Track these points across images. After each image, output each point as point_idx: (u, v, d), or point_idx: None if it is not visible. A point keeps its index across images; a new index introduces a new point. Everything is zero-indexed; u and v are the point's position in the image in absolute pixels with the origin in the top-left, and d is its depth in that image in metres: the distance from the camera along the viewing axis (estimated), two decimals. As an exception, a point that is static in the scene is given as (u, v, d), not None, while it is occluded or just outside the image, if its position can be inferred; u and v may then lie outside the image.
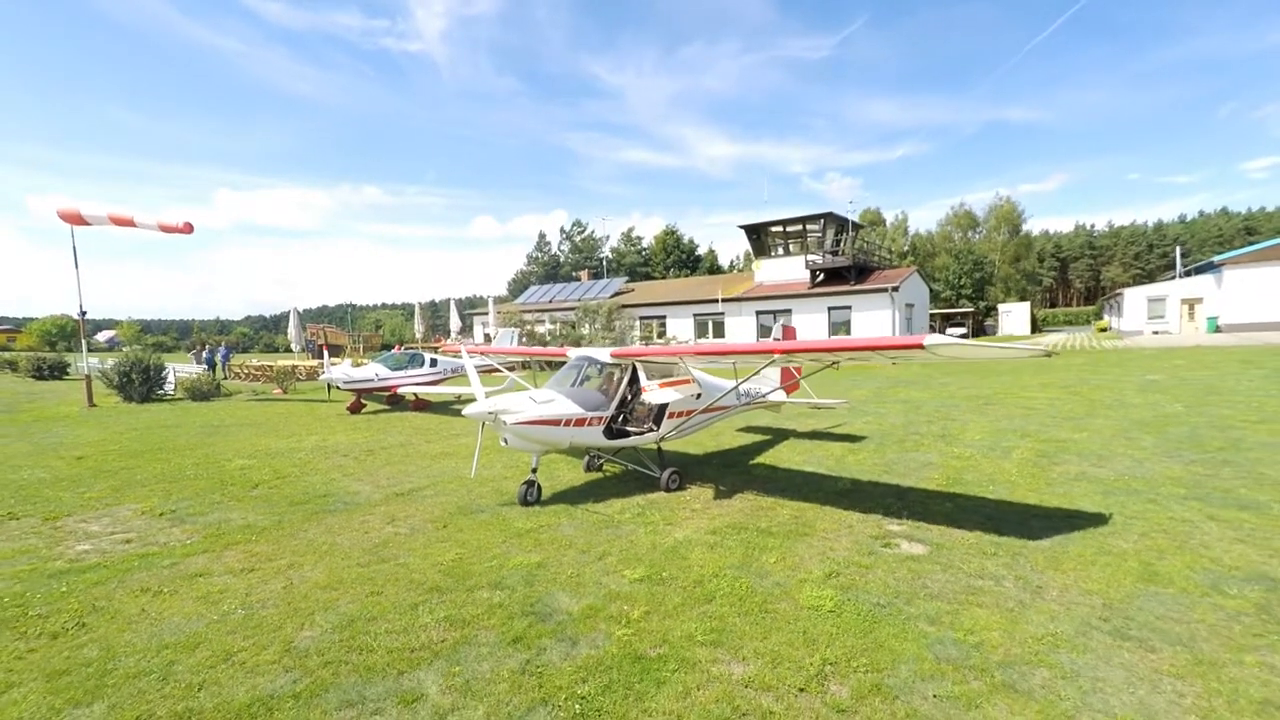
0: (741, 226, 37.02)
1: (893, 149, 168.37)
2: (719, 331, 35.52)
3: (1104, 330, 55.06)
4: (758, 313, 31.83)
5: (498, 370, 13.18)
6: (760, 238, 35.85)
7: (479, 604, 4.91)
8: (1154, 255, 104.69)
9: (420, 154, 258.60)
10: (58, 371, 29.99)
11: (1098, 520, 6.46)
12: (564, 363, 9.18)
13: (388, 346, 40.17)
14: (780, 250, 35.14)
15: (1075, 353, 31.00)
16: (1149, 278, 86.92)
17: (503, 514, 7.32)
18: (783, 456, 10.23)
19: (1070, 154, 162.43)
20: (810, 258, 32.18)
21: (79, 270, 19.05)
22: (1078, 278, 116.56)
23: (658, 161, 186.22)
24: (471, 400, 7.68)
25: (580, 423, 7.80)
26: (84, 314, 19.26)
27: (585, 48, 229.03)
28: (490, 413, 7.21)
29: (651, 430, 8.46)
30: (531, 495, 7.68)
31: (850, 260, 31.46)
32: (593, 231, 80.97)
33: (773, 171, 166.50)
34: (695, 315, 34.07)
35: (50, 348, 60.49)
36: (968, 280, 69.21)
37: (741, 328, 33.74)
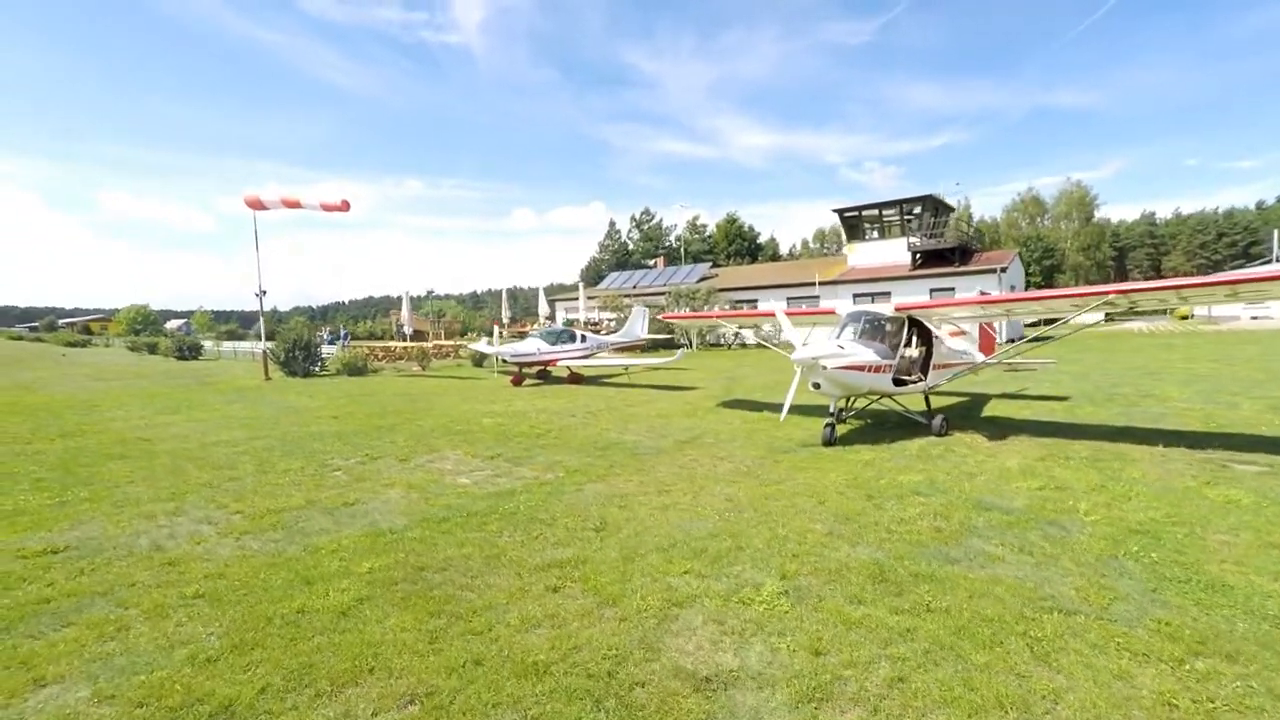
0: (835, 210, 37.37)
1: (934, 137, 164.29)
2: (808, 315, 35.81)
3: (1185, 318, 53.53)
4: (855, 295, 32.26)
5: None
6: (854, 221, 36.19)
7: (918, 505, 5.73)
8: (1222, 244, 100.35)
9: (457, 147, 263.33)
10: (194, 352, 32.70)
11: None
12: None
13: (462, 333, 41.98)
14: (875, 234, 35.45)
15: (1188, 335, 30.79)
16: (1215, 268, 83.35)
17: (818, 451, 8.06)
18: (1003, 411, 10.82)
19: (1125, 139, 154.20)
20: (912, 240, 32.48)
21: (259, 252, 20.66)
22: (1135, 267, 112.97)
23: (693, 152, 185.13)
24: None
25: (877, 370, 8.57)
26: (263, 293, 20.80)
27: (622, 34, 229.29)
28: (813, 358, 8.02)
29: (920, 380, 9.20)
30: (833, 437, 8.45)
31: (955, 242, 31.76)
32: (660, 220, 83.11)
33: (809, 162, 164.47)
34: (789, 299, 34.63)
35: (135, 334, 64.74)
36: (1036, 268, 68.20)
37: (838, 310, 33.83)
